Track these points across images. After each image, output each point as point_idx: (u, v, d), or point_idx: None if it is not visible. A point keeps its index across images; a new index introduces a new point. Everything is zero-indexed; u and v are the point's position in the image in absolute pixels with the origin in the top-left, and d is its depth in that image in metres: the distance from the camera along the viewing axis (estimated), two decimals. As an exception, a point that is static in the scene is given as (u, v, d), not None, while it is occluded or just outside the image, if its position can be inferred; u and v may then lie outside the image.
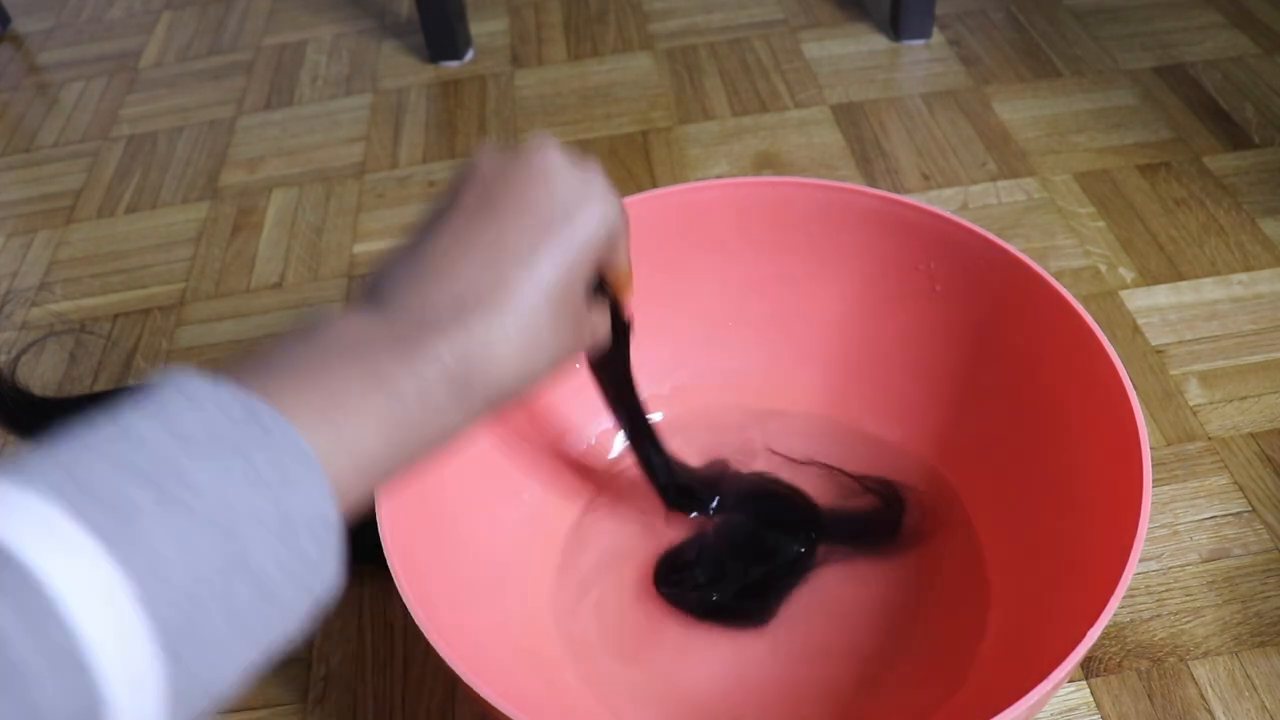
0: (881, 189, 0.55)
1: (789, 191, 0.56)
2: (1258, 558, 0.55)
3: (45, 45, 1.08)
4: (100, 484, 0.23)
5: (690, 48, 0.98)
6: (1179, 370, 0.65)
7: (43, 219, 0.86)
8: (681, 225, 0.57)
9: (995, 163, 0.82)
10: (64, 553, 0.22)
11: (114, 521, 0.23)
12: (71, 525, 0.22)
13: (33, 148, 0.94)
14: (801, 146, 0.85)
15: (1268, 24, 0.94)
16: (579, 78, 0.96)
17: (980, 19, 0.98)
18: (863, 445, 0.58)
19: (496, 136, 0.89)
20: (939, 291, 0.55)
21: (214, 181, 0.88)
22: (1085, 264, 0.73)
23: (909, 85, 0.91)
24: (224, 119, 0.95)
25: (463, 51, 0.99)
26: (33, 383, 0.72)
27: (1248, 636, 0.52)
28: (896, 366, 0.58)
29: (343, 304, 0.76)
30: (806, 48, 0.96)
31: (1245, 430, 0.61)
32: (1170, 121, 0.84)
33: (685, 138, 0.87)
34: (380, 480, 0.30)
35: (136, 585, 0.22)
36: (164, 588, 0.23)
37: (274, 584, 0.25)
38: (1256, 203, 0.76)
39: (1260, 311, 0.68)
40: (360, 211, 0.83)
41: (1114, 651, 0.52)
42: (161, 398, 0.26)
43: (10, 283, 0.80)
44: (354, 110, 0.94)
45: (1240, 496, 0.58)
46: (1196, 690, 0.50)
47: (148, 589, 0.23)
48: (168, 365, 0.28)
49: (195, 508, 0.24)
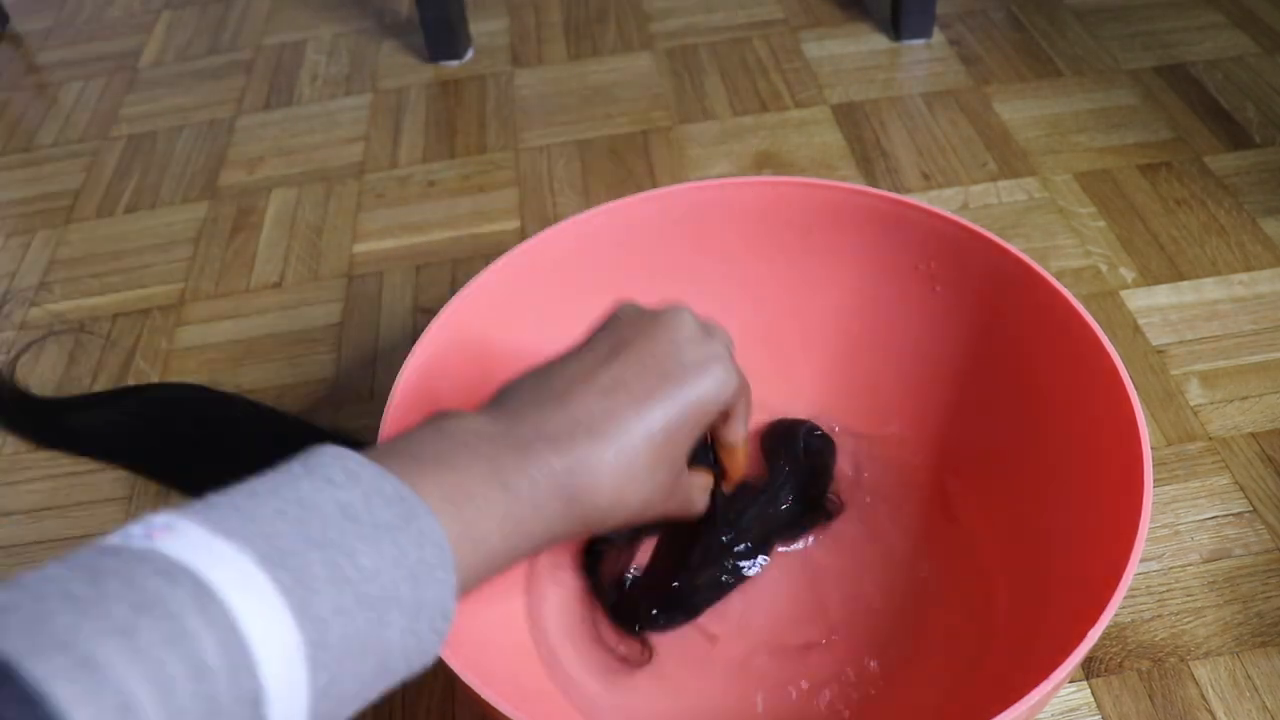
0: (882, 189, 0.55)
1: (789, 191, 0.56)
2: (1259, 558, 0.55)
3: (44, 44, 1.08)
4: (290, 551, 0.26)
5: (690, 47, 0.98)
6: (1180, 370, 0.65)
7: (42, 219, 0.86)
8: (681, 225, 0.57)
9: (996, 162, 0.82)
10: (262, 610, 0.25)
11: (299, 587, 0.26)
12: (270, 586, 0.25)
13: (32, 147, 0.94)
14: (802, 146, 0.85)
15: (1269, 24, 0.94)
16: (579, 77, 0.96)
17: (981, 18, 0.98)
18: (860, 446, 0.58)
19: (497, 137, 0.89)
20: (939, 291, 0.55)
21: (213, 181, 0.88)
22: (1086, 264, 0.72)
23: (909, 85, 0.91)
24: (223, 119, 0.95)
25: (462, 51, 0.99)
26: (32, 383, 0.72)
27: (1249, 637, 0.52)
28: (896, 366, 0.58)
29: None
30: (807, 47, 0.96)
31: (1246, 430, 0.61)
32: (1171, 121, 0.84)
33: (685, 137, 0.87)
34: (489, 573, 0.33)
35: (307, 648, 0.25)
36: (323, 652, 0.26)
37: (393, 660, 0.28)
38: (1257, 203, 0.76)
39: (1261, 311, 0.68)
40: (360, 211, 0.83)
41: (1115, 652, 0.52)
42: (328, 472, 0.29)
43: (9, 282, 0.80)
44: (354, 110, 0.94)
45: (1241, 496, 0.58)
46: (1197, 690, 0.50)
47: (314, 652, 0.26)
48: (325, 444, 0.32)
49: (358, 586, 0.27)
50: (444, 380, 0.50)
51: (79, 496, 0.65)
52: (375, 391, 0.69)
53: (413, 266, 0.78)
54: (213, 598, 0.24)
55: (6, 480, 0.66)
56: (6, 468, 0.67)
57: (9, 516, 0.64)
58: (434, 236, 0.80)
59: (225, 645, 0.24)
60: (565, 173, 0.85)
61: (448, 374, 0.51)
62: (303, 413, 0.67)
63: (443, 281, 0.76)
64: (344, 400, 0.68)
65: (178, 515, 0.26)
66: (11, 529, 0.63)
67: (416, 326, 0.73)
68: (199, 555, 0.25)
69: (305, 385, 0.70)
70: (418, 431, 0.34)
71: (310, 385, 0.70)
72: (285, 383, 0.70)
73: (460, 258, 0.78)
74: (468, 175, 0.86)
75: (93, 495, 0.65)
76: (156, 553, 0.25)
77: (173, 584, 0.24)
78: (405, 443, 0.33)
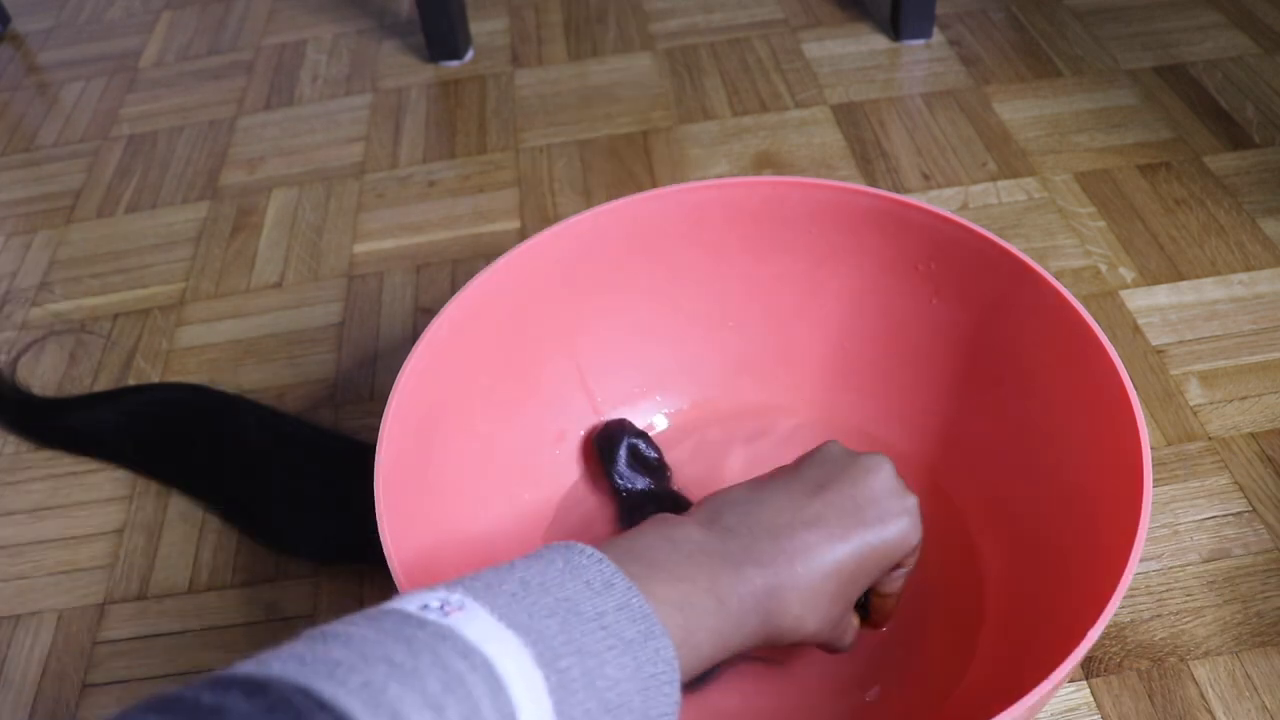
0: (882, 189, 0.55)
1: (789, 191, 0.56)
2: (1258, 558, 0.55)
3: (45, 45, 1.08)
4: (559, 653, 0.30)
5: (690, 47, 0.98)
6: (1179, 370, 0.65)
7: (43, 219, 0.86)
8: (681, 225, 0.57)
9: (995, 162, 0.82)
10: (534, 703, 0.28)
11: (561, 689, 0.29)
12: (540, 683, 0.29)
13: (32, 147, 0.94)
14: (802, 146, 0.85)
15: (1268, 24, 0.94)
16: (579, 78, 0.96)
17: (980, 19, 0.98)
18: (862, 444, 0.58)
19: (497, 137, 0.89)
20: (939, 291, 0.55)
21: (214, 181, 0.88)
22: (1085, 264, 0.73)
23: (909, 85, 0.91)
24: (224, 119, 0.95)
25: (463, 51, 0.99)
26: (32, 383, 0.72)
27: (1248, 636, 0.52)
28: (896, 365, 0.58)
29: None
30: (807, 47, 0.96)
31: (1245, 430, 0.61)
32: (1171, 121, 0.84)
33: (685, 137, 0.87)
34: (696, 673, 0.36)
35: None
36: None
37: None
38: (1257, 203, 0.76)
39: (1260, 311, 0.68)
40: (360, 211, 0.83)
41: (1114, 651, 0.52)
42: (588, 577, 0.33)
43: (10, 282, 0.80)
44: (354, 110, 0.94)
45: (1240, 496, 0.58)
46: (1197, 690, 0.50)
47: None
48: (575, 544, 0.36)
49: (603, 693, 0.30)
50: (444, 380, 0.50)
51: (79, 496, 0.65)
52: (375, 391, 0.69)
53: (413, 266, 0.78)
54: (501, 688, 0.27)
55: (7, 480, 0.66)
56: (7, 467, 0.67)
57: (9, 516, 0.64)
58: (434, 236, 0.80)
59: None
60: (565, 173, 0.85)
61: (448, 374, 0.51)
62: (303, 413, 0.68)
63: (443, 281, 0.76)
64: (344, 400, 0.68)
65: (466, 595, 0.30)
66: (13, 528, 0.63)
67: (416, 326, 0.73)
68: (490, 645, 0.28)
69: (305, 385, 0.70)
70: (648, 535, 0.38)
71: (310, 385, 0.70)
72: (285, 383, 0.70)
73: (460, 258, 0.78)
74: (468, 175, 0.86)
75: (93, 495, 0.65)
76: (456, 633, 0.28)
77: (472, 669, 0.27)
78: (639, 546, 0.37)
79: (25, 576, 0.61)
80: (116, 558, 0.61)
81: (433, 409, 0.49)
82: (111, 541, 0.62)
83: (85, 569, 0.61)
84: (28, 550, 0.62)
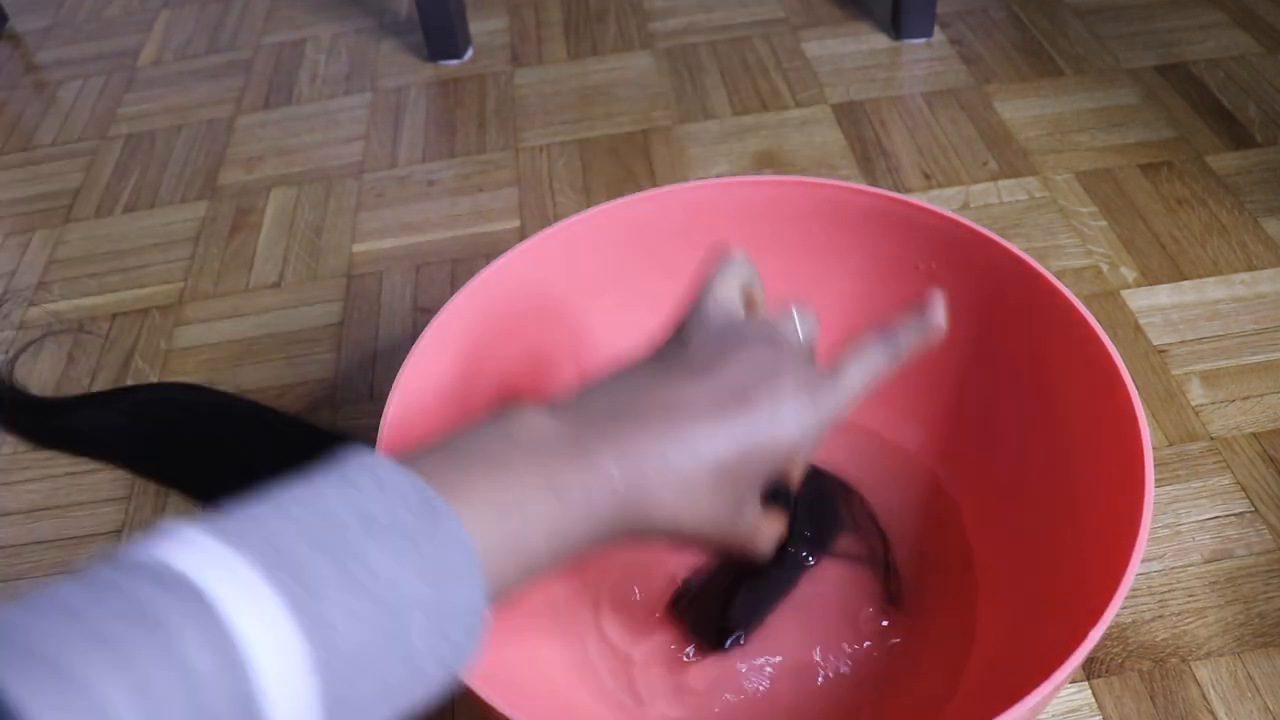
0: (882, 188, 0.55)
1: (790, 191, 0.56)
2: (1260, 558, 0.55)
3: (43, 44, 1.08)
4: (296, 556, 0.26)
5: (690, 47, 0.98)
6: (1181, 370, 0.65)
7: (40, 218, 0.86)
8: (681, 225, 0.57)
9: (996, 162, 0.82)
10: (259, 614, 0.24)
11: (304, 593, 0.26)
12: (268, 590, 0.25)
13: (30, 146, 0.94)
14: (802, 146, 0.85)
15: (1270, 23, 0.93)
16: (579, 77, 0.95)
17: (981, 17, 0.98)
18: (862, 444, 0.58)
19: (497, 136, 0.89)
20: (939, 291, 0.55)
21: (212, 181, 0.88)
22: (1087, 263, 0.72)
23: (910, 84, 0.91)
24: (222, 118, 0.95)
25: (462, 50, 0.99)
26: (30, 382, 0.72)
27: (1250, 637, 0.52)
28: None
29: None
30: (807, 46, 0.96)
31: (1247, 430, 0.61)
32: (1172, 120, 0.84)
33: (685, 137, 0.87)
34: (532, 575, 0.33)
35: (313, 652, 0.25)
36: (334, 657, 0.26)
37: (422, 661, 0.28)
38: (1259, 202, 0.76)
39: (1262, 311, 0.68)
40: (359, 211, 0.83)
41: (1116, 652, 0.52)
42: (356, 479, 0.29)
43: (8, 282, 0.80)
44: (353, 109, 0.94)
45: (1242, 497, 0.58)
46: (1199, 691, 0.50)
47: (322, 657, 0.25)
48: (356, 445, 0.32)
49: (370, 589, 0.27)
50: (444, 380, 0.50)
51: (78, 496, 0.64)
52: (375, 391, 0.69)
53: (412, 266, 0.77)
54: (203, 602, 0.24)
55: (5, 480, 0.66)
56: (5, 468, 0.67)
57: (8, 516, 0.64)
58: (434, 236, 0.80)
59: (215, 649, 0.23)
60: (565, 172, 0.85)
61: (447, 374, 0.51)
62: (302, 413, 0.67)
63: (443, 281, 0.76)
64: (344, 400, 0.68)
65: (189, 524, 0.27)
66: (10, 529, 0.63)
67: (416, 326, 0.73)
68: (199, 562, 0.25)
69: (305, 385, 0.70)
70: (482, 427, 0.34)
71: (310, 385, 0.70)
72: (285, 383, 0.70)
73: (460, 257, 0.78)
74: (467, 175, 0.86)
75: (92, 495, 0.64)
76: (156, 561, 0.25)
77: (165, 591, 0.24)
78: (464, 439, 0.33)
79: (23, 577, 0.61)
80: (114, 558, 0.61)
81: (432, 409, 0.49)
82: (110, 542, 0.62)
83: (83, 569, 0.61)
84: (25, 551, 0.62)
